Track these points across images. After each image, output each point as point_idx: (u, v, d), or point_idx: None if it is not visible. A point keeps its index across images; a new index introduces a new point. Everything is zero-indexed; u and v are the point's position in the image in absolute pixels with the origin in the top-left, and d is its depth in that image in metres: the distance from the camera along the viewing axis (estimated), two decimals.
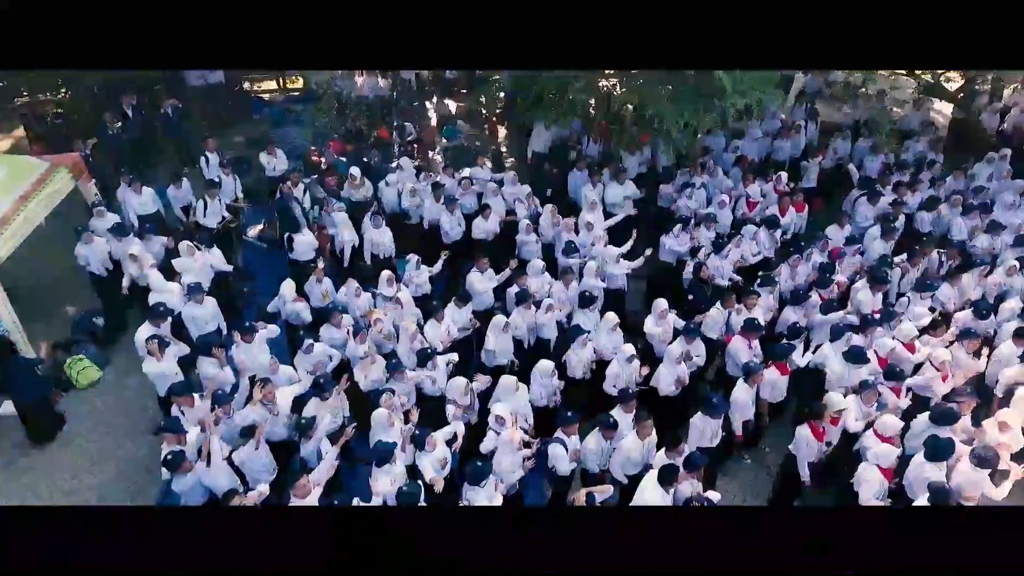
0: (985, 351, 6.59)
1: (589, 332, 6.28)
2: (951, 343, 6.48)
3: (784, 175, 9.21)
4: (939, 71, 10.09)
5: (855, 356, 5.95)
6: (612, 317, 6.38)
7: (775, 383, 6.08)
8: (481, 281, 7.08)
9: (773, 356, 6.10)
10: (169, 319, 6.46)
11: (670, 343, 6.40)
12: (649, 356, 6.58)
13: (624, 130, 9.08)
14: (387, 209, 8.72)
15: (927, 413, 5.53)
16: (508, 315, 6.66)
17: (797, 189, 9.19)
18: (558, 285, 7.00)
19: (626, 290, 7.74)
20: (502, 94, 11.95)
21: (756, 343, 6.37)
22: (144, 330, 6.23)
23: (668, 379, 6.02)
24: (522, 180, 8.97)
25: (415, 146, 11.46)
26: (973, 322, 6.79)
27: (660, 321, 6.51)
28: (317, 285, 7.02)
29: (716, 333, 6.70)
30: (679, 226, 7.82)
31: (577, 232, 7.79)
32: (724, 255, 7.48)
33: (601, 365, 6.27)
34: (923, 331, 6.46)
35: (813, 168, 9.74)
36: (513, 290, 6.89)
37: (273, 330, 6.51)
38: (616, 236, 7.88)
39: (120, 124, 9.82)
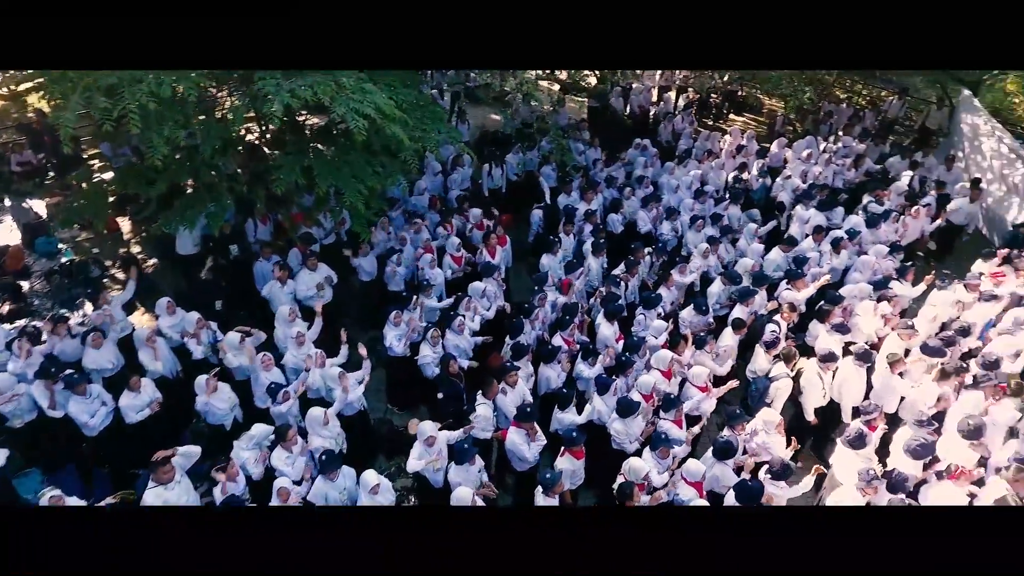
0: None
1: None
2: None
3: (478, 211, 8.58)
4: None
5: (627, 408, 5.49)
6: (371, 477, 4.81)
7: (575, 471, 5.32)
8: (163, 495, 4.76)
9: (565, 444, 5.31)
10: None
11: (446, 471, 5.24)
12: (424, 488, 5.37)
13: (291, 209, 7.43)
14: None
15: (710, 449, 5.37)
16: None
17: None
18: (278, 453, 5.10)
19: (366, 407, 6.23)
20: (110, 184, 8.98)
21: (535, 428, 5.52)
22: None
23: None
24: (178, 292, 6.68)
25: None
26: (695, 317, 7.04)
27: (429, 449, 5.21)
28: None
29: (491, 431, 5.67)
30: (394, 312, 6.49)
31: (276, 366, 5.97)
32: (456, 329, 6.47)
33: None
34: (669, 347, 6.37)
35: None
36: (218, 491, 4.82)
37: None
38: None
39: None
